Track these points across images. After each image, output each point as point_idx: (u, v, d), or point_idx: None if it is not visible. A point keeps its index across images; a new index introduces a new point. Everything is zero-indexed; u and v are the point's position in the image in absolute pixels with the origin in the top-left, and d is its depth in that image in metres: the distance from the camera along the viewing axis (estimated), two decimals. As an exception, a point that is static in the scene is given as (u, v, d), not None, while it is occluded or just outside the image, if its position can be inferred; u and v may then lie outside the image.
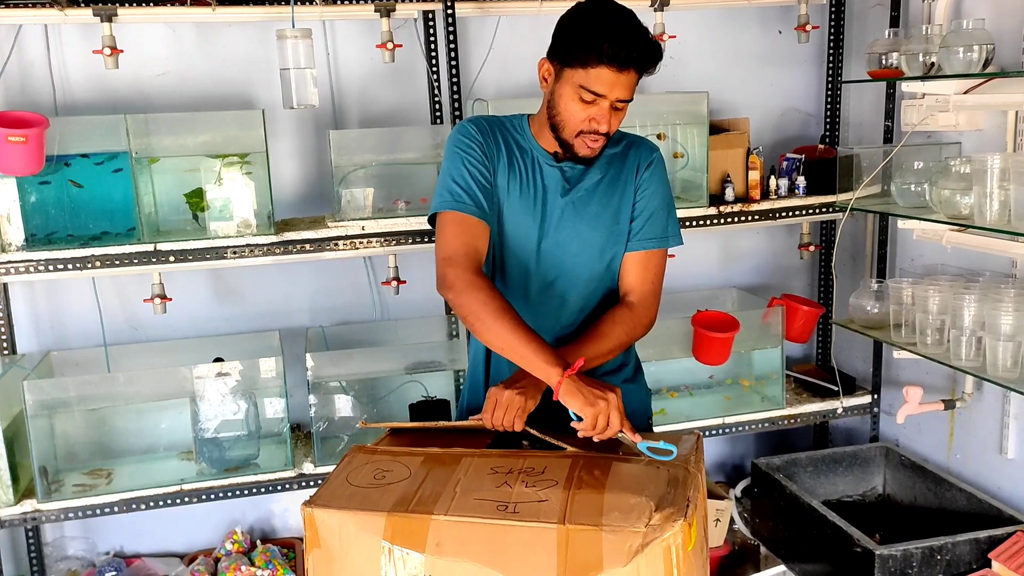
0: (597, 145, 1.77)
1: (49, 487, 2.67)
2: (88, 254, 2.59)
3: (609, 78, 1.67)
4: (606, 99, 1.70)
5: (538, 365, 1.62)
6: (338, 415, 2.89)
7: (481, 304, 1.66)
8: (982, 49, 2.43)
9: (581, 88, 1.69)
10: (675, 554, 1.29)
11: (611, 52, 1.65)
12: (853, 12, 3.27)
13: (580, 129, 1.74)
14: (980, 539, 2.51)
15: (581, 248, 1.85)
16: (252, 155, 2.72)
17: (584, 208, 1.84)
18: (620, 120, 1.77)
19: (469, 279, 1.68)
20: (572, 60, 1.69)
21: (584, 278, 1.87)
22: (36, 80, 2.84)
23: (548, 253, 1.85)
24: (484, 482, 1.43)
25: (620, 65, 1.66)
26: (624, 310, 1.86)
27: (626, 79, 1.69)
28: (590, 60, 1.67)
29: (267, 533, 3.28)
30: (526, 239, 1.84)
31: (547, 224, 1.84)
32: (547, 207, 1.84)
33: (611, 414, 1.59)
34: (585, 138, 1.75)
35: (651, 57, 1.70)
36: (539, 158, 1.84)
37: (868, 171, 2.94)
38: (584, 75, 1.68)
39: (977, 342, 2.51)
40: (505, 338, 1.64)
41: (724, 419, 3.08)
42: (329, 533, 1.40)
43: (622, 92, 1.70)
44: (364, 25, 3.01)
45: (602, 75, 1.67)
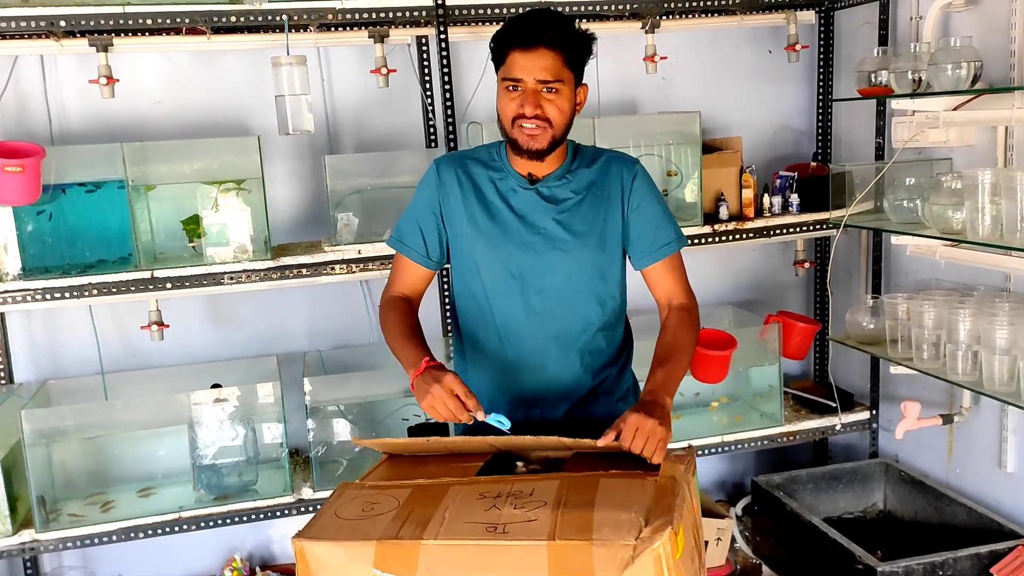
0: (535, 132, 1.78)
1: (47, 517, 2.66)
2: (85, 282, 2.60)
3: (520, 61, 1.74)
4: (525, 83, 1.75)
5: (405, 365, 1.79)
6: (336, 439, 2.89)
7: (383, 320, 1.89)
8: (970, 66, 2.46)
9: (503, 80, 1.78)
10: (665, 563, 1.29)
11: (513, 36, 1.74)
12: (842, 31, 3.30)
13: (512, 117, 1.78)
14: (981, 554, 2.50)
15: (565, 263, 1.86)
16: (248, 181, 2.74)
17: (570, 227, 1.85)
18: (556, 108, 1.77)
19: (385, 301, 1.93)
20: (496, 62, 1.80)
21: (582, 297, 1.88)
22: (32, 110, 2.85)
23: (536, 271, 1.86)
24: (473, 507, 1.43)
25: (525, 44, 1.73)
26: (681, 313, 1.89)
27: (539, 58, 1.74)
28: (504, 52, 1.76)
29: (266, 559, 3.26)
30: (509, 261, 1.86)
31: (532, 245, 1.85)
32: (529, 229, 1.85)
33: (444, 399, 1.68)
34: (521, 125, 1.78)
35: (558, 31, 1.74)
36: (514, 183, 1.88)
37: (861, 188, 2.95)
38: (504, 69, 1.78)
39: (973, 356, 2.52)
40: (390, 343, 1.85)
41: (723, 437, 3.07)
42: (319, 565, 1.40)
43: (539, 72, 1.75)
44: (358, 51, 3.04)
45: (515, 60, 1.75)
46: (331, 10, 2.69)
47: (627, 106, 3.30)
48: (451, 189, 1.89)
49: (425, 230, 1.91)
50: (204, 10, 2.61)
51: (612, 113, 3.26)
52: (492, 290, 1.88)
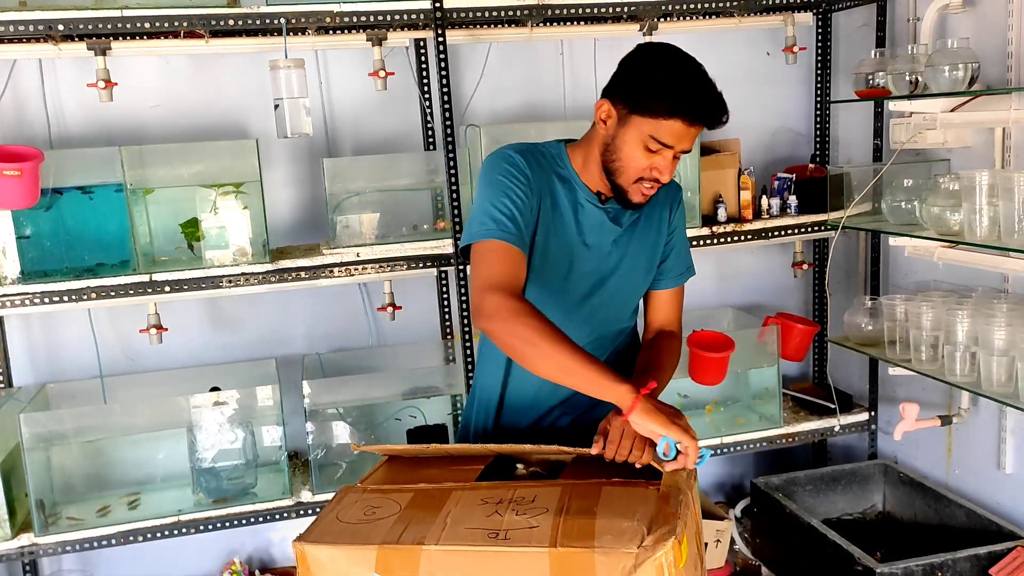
0: (651, 193, 1.74)
1: (46, 520, 2.66)
2: (83, 286, 2.60)
3: (680, 131, 1.64)
4: (672, 150, 1.67)
5: (609, 386, 1.54)
6: (336, 442, 2.89)
7: (533, 330, 1.55)
8: (967, 67, 2.46)
9: (650, 137, 1.65)
10: (668, 571, 1.29)
11: (688, 106, 1.62)
12: (839, 33, 3.31)
13: (640, 176, 1.70)
14: (980, 555, 2.50)
15: (623, 287, 1.85)
16: (247, 184, 2.74)
17: (627, 249, 1.83)
18: (674, 169, 1.73)
19: (514, 306, 1.58)
20: (644, 109, 1.65)
21: (622, 312, 1.88)
22: (31, 114, 2.86)
23: (584, 290, 1.82)
24: (474, 512, 1.43)
25: (693, 119, 1.63)
26: (673, 341, 1.89)
27: (695, 132, 1.66)
28: (664, 111, 1.62)
29: (266, 563, 3.26)
30: (565, 277, 1.80)
31: (591, 265, 1.80)
32: (591, 248, 1.80)
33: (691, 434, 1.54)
34: (642, 185, 1.71)
35: (722, 114, 1.66)
36: (582, 196, 1.79)
37: (859, 189, 2.96)
38: (654, 125, 1.64)
39: (971, 357, 2.52)
40: (564, 363, 1.54)
41: (722, 439, 3.07)
42: (321, 569, 1.40)
43: (687, 144, 1.68)
44: (356, 54, 3.04)
45: (674, 127, 1.63)
46: (329, 13, 2.70)
47: (625, 108, 3.30)
48: (539, 184, 1.76)
49: (526, 215, 1.71)
50: (202, 13, 2.61)
51: (610, 115, 3.25)
52: (539, 299, 1.79)
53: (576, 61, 3.24)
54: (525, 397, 1.85)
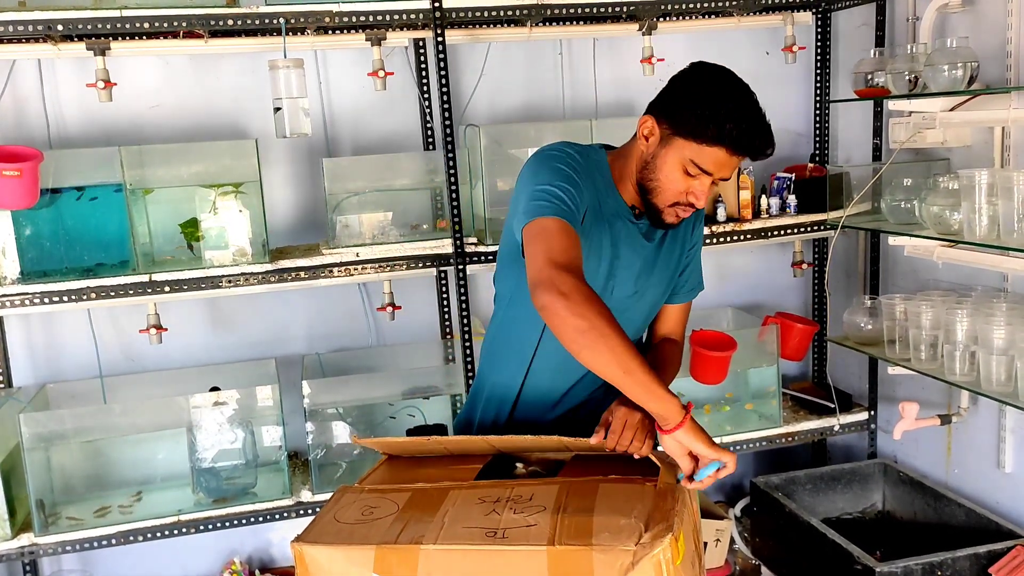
0: (685, 216, 1.72)
1: (46, 520, 2.66)
2: (83, 286, 2.60)
3: (723, 159, 1.61)
4: (712, 176, 1.64)
5: (664, 398, 1.51)
6: (335, 442, 2.89)
7: (604, 320, 1.47)
8: (966, 67, 2.46)
9: (691, 162, 1.62)
10: (665, 569, 1.29)
11: (735, 137, 1.58)
12: (839, 32, 3.31)
13: (676, 200, 1.68)
14: (980, 554, 2.50)
15: (645, 300, 1.84)
16: (246, 184, 2.74)
17: (653, 266, 1.81)
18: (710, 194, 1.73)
19: (588, 291, 1.49)
20: (688, 132, 1.61)
21: (642, 322, 1.88)
22: (30, 114, 2.86)
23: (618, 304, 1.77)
24: (472, 511, 1.43)
25: (738, 150, 1.61)
26: (676, 348, 1.92)
27: (736, 161, 1.63)
28: (709, 138, 1.59)
29: (266, 563, 3.26)
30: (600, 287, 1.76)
31: (615, 277, 1.77)
32: (620, 260, 1.76)
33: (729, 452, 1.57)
34: (677, 208, 1.69)
35: (768, 147, 1.64)
36: (620, 210, 1.75)
37: (858, 188, 2.96)
38: (697, 150, 1.61)
39: (971, 356, 2.52)
40: (626, 361, 1.48)
41: (722, 438, 3.07)
42: (319, 569, 1.40)
43: (728, 172, 1.65)
44: (355, 54, 3.04)
45: (718, 155, 1.60)
46: (328, 13, 2.70)
47: (624, 108, 3.31)
48: (588, 187, 1.69)
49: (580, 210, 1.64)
50: (201, 13, 2.61)
51: (609, 115, 3.26)
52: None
53: (575, 61, 3.25)
54: (540, 392, 1.84)
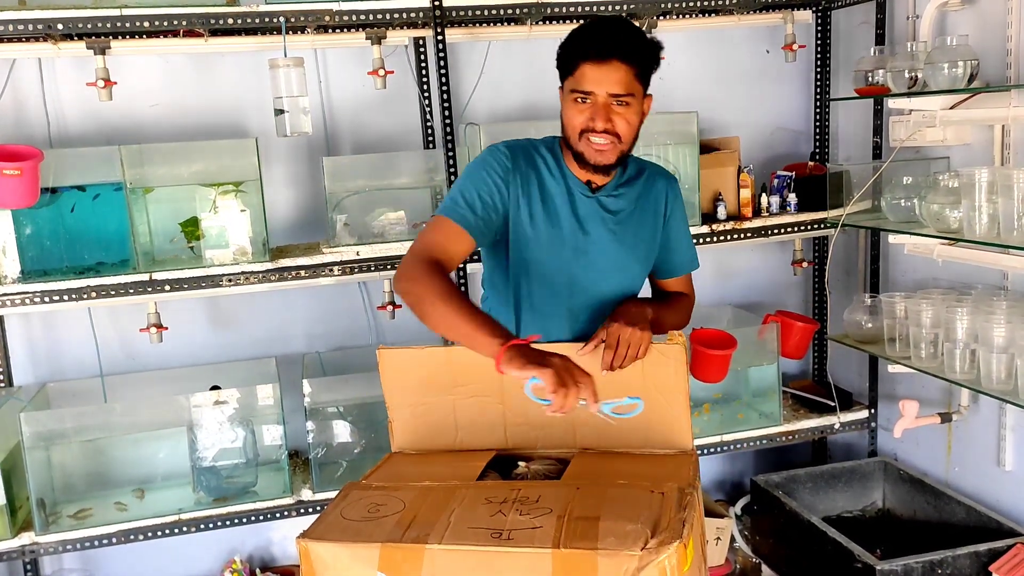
0: (604, 147, 1.77)
1: (47, 519, 2.66)
2: (84, 285, 2.60)
3: (592, 74, 1.71)
4: (596, 95, 1.73)
5: (482, 340, 1.59)
6: (336, 441, 2.89)
7: (431, 290, 1.64)
8: (966, 65, 2.47)
9: (573, 92, 1.75)
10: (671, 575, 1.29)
11: (587, 47, 1.71)
12: (839, 31, 3.31)
13: (581, 130, 1.76)
14: (980, 552, 2.51)
15: (616, 274, 1.91)
16: (246, 183, 2.74)
17: (623, 237, 1.89)
18: (626, 122, 1.76)
19: (425, 269, 1.67)
20: (564, 72, 1.77)
21: (614, 300, 1.91)
22: (30, 113, 2.85)
23: (586, 280, 1.89)
24: (478, 511, 1.44)
25: (599, 57, 1.70)
26: (684, 297, 2.05)
27: (612, 72, 1.71)
28: (572, 63, 1.73)
29: (266, 561, 3.26)
30: (561, 268, 1.87)
31: (587, 254, 1.87)
32: (586, 237, 1.86)
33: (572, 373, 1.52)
34: (589, 139, 1.76)
35: (631, 44, 1.72)
36: (574, 188, 1.86)
37: (858, 187, 2.96)
38: (573, 80, 1.74)
39: (971, 355, 2.53)
40: (450, 319, 1.62)
41: (722, 437, 3.07)
42: (324, 566, 1.40)
43: (611, 86, 1.72)
44: (355, 52, 3.04)
45: (585, 72, 1.72)
46: (328, 12, 2.69)
47: (625, 106, 3.30)
48: (522, 180, 1.83)
49: (485, 199, 1.78)
50: (201, 12, 2.60)
51: (610, 113, 3.25)
52: (536, 290, 1.88)
53: (575, 59, 3.24)
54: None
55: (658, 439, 1.75)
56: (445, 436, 1.81)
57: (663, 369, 1.78)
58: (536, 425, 1.77)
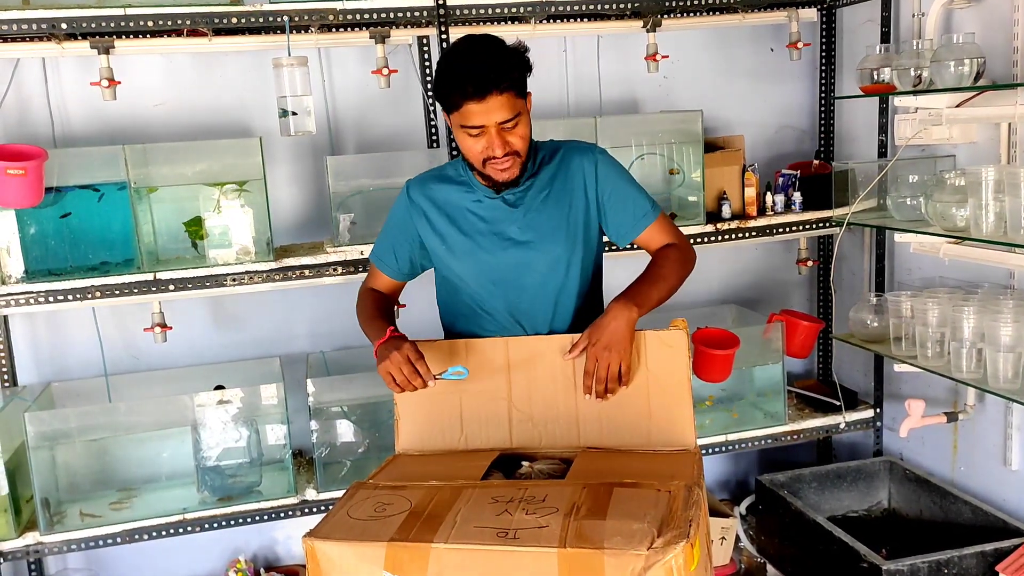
0: (507, 166, 1.82)
1: (51, 519, 2.66)
2: (88, 284, 2.60)
3: (477, 109, 1.75)
4: (487, 127, 1.77)
5: (370, 338, 1.90)
6: (340, 440, 2.89)
7: (358, 308, 2.05)
8: (973, 63, 2.45)
9: (462, 128, 1.79)
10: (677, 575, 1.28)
11: (462, 90, 1.74)
12: (844, 28, 3.30)
13: (482, 159, 1.82)
14: (986, 552, 2.50)
15: (542, 260, 1.93)
16: (250, 182, 2.74)
17: (537, 227, 1.92)
18: (520, 137, 1.82)
19: (359, 294, 2.09)
20: (447, 109, 1.81)
21: (552, 287, 1.95)
22: (34, 113, 2.85)
23: (517, 278, 1.94)
24: (484, 511, 1.43)
25: (478, 95, 1.73)
26: (665, 250, 1.98)
27: (495, 104, 1.75)
28: (453, 104, 1.77)
29: (271, 561, 3.26)
30: (488, 272, 1.94)
31: (505, 252, 1.93)
32: (498, 237, 1.93)
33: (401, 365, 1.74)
34: (493, 165, 1.82)
35: (502, 75, 1.74)
36: (480, 194, 1.94)
37: (863, 185, 2.95)
38: (459, 116, 1.78)
39: (977, 354, 2.51)
40: (362, 325, 1.99)
41: (727, 436, 3.07)
42: (330, 565, 1.40)
43: (498, 116, 1.76)
44: (359, 52, 3.04)
45: (471, 110, 1.75)
46: (332, 11, 2.69)
47: (628, 105, 3.30)
48: (422, 211, 1.97)
49: (398, 250, 2.03)
50: (205, 12, 2.60)
51: (613, 112, 3.25)
52: (476, 295, 1.98)
53: (579, 59, 3.24)
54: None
55: (661, 437, 1.74)
56: (451, 433, 1.81)
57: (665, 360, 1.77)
58: (540, 423, 1.77)
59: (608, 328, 1.77)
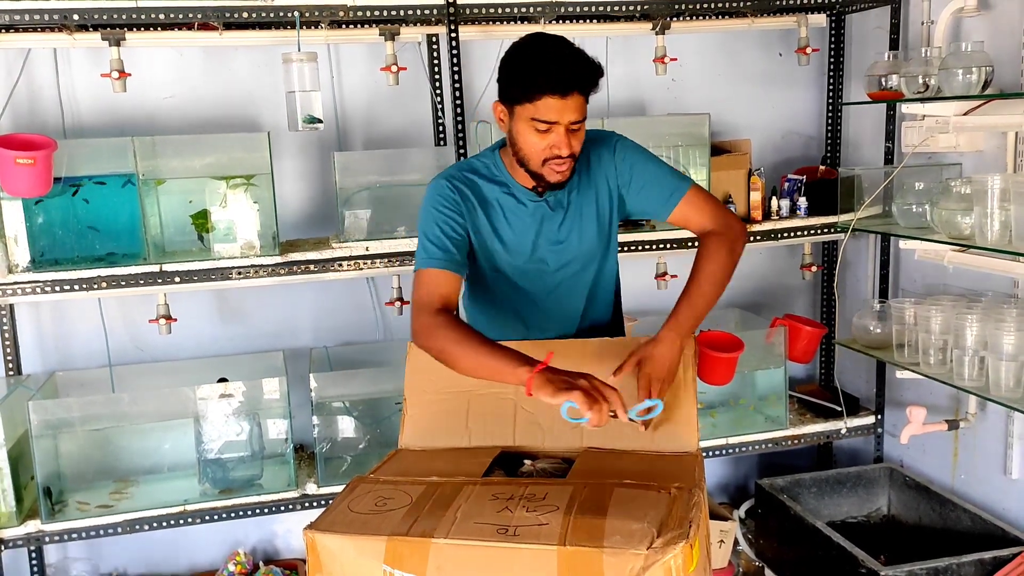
0: (564, 168, 1.83)
1: (53, 508, 2.67)
2: (94, 275, 2.61)
3: (556, 105, 1.74)
4: (559, 124, 1.76)
5: (507, 371, 1.65)
6: (341, 435, 2.90)
7: (445, 339, 1.72)
8: (981, 71, 2.45)
9: (533, 121, 1.77)
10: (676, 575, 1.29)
11: (550, 82, 1.72)
12: (853, 35, 3.30)
13: (544, 157, 1.81)
14: (985, 560, 2.50)
15: (581, 252, 1.97)
16: (257, 177, 2.75)
17: (574, 225, 1.95)
18: (580, 140, 1.83)
19: (431, 322, 1.76)
20: (519, 98, 1.77)
21: (585, 283, 2.00)
22: (45, 103, 2.87)
23: (558, 272, 1.97)
24: (484, 507, 1.44)
25: (562, 91, 1.73)
26: (707, 240, 1.94)
27: (572, 102, 1.75)
28: (533, 94, 1.74)
29: (270, 554, 3.27)
30: (528, 271, 1.95)
31: (546, 251, 1.94)
32: (543, 237, 1.94)
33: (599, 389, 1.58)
34: (551, 164, 1.82)
35: (590, 77, 1.76)
36: (520, 196, 1.93)
37: (869, 192, 2.95)
38: (533, 108, 1.76)
39: (980, 362, 2.51)
40: (473, 359, 1.69)
41: (728, 439, 3.07)
42: (330, 558, 1.40)
43: (572, 115, 1.76)
44: (368, 48, 3.05)
45: (548, 104, 1.74)
46: (342, 7, 2.70)
47: (636, 107, 3.31)
48: (473, 204, 1.92)
49: (458, 245, 1.88)
50: (216, 5, 2.61)
51: (621, 114, 3.26)
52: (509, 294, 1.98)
53: (588, 59, 3.24)
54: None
55: (665, 439, 1.75)
56: (455, 430, 1.81)
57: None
58: (545, 423, 1.78)
59: (662, 360, 1.79)
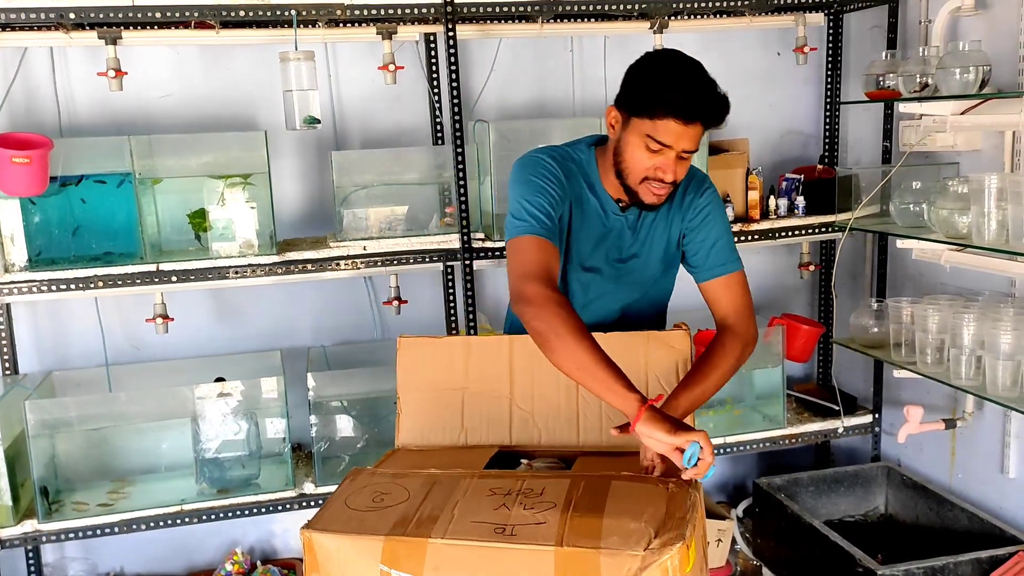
0: (663, 192, 1.79)
1: (50, 507, 2.67)
2: (91, 274, 2.61)
3: (676, 130, 1.69)
4: (672, 149, 1.72)
5: (618, 391, 1.55)
6: (339, 435, 2.89)
7: (562, 321, 1.59)
8: (978, 70, 2.45)
9: (648, 137, 1.72)
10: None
11: (678, 105, 1.68)
12: (851, 34, 3.30)
13: (645, 176, 1.76)
14: (982, 559, 2.50)
15: (643, 278, 1.95)
16: (254, 176, 2.74)
17: (649, 246, 1.92)
18: (686, 169, 1.79)
19: (549, 295, 1.64)
20: (640, 110, 1.72)
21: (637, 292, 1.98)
22: (41, 102, 2.86)
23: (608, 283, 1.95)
24: (482, 504, 1.44)
25: (687, 118, 1.68)
26: (725, 336, 1.88)
27: (692, 131, 1.71)
28: (657, 111, 1.69)
29: (268, 554, 3.27)
30: (594, 274, 1.93)
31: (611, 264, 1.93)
32: (608, 251, 1.92)
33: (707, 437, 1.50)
34: (650, 185, 1.78)
35: (718, 112, 1.72)
36: (606, 205, 1.89)
37: (867, 191, 2.95)
38: (651, 125, 1.71)
39: (977, 361, 2.52)
40: (583, 359, 1.57)
41: (725, 438, 3.07)
42: (327, 557, 1.40)
43: (688, 144, 1.72)
44: (366, 47, 3.04)
45: (669, 126, 1.69)
46: (340, 6, 2.69)
47: (634, 106, 3.30)
48: (565, 187, 1.84)
49: (555, 215, 1.79)
50: (213, 4, 2.60)
51: (619, 113, 3.25)
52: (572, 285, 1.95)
53: (586, 58, 3.24)
54: None
55: None
56: (451, 429, 1.81)
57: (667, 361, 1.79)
58: (541, 421, 1.78)
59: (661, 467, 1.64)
